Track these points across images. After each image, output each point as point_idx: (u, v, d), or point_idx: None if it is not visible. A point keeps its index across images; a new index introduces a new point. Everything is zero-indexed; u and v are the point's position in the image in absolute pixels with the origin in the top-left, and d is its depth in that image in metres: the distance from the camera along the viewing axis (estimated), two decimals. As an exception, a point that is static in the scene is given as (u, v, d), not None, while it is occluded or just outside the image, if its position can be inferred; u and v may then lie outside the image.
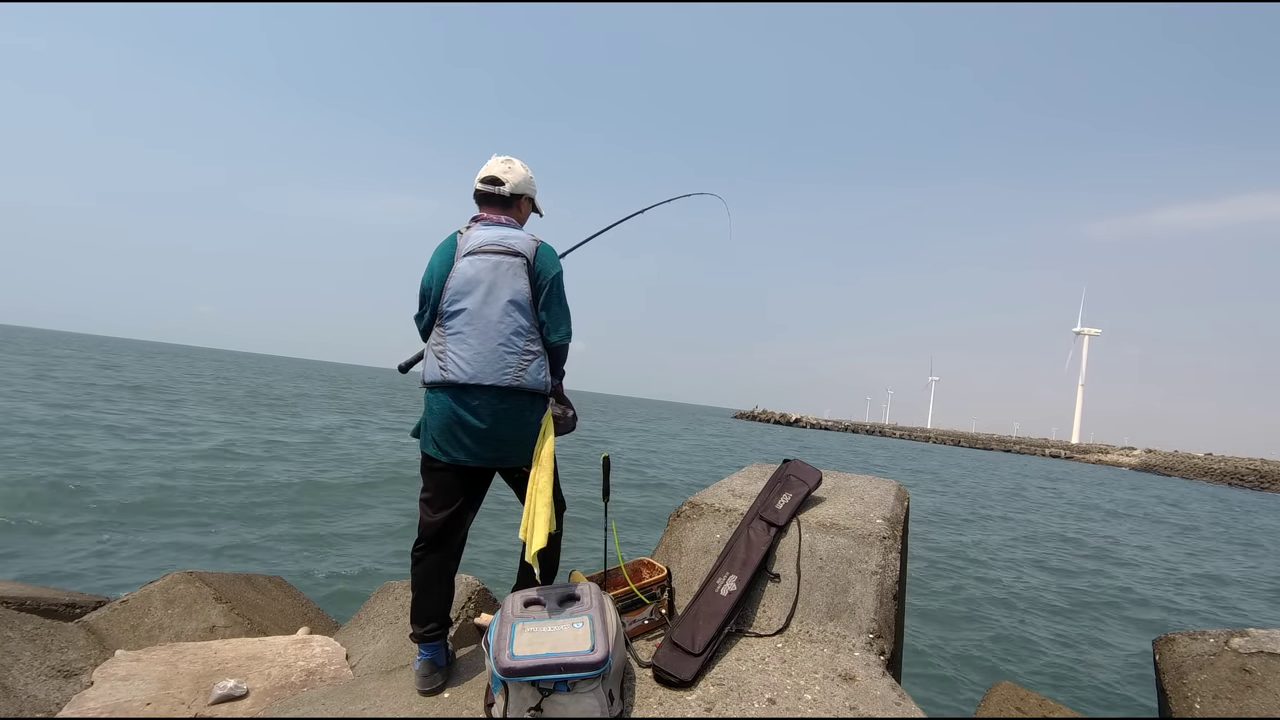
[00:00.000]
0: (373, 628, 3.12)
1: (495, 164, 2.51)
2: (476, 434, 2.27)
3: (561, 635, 1.96)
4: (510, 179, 2.50)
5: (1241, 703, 2.15)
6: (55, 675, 2.55)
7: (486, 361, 2.26)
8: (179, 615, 3.29)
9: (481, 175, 2.51)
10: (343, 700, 2.27)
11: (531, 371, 2.32)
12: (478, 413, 2.26)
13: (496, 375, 2.26)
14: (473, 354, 2.26)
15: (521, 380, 2.29)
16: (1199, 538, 18.81)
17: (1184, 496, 36.95)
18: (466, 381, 2.25)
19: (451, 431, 2.28)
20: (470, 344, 2.27)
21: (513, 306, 2.30)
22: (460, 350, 2.27)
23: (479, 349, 2.27)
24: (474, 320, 2.29)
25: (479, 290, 2.30)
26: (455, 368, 2.27)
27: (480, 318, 2.28)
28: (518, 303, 2.31)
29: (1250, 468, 68.19)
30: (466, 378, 2.25)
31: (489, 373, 2.26)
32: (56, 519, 7.96)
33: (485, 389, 2.26)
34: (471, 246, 2.35)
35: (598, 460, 2.68)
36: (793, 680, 2.17)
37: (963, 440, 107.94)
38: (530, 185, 2.57)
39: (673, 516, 3.02)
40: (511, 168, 2.52)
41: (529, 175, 2.57)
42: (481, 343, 2.27)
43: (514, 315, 2.30)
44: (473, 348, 2.27)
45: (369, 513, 10.40)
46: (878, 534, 2.64)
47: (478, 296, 2.30)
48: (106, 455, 12.09)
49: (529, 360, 2.32)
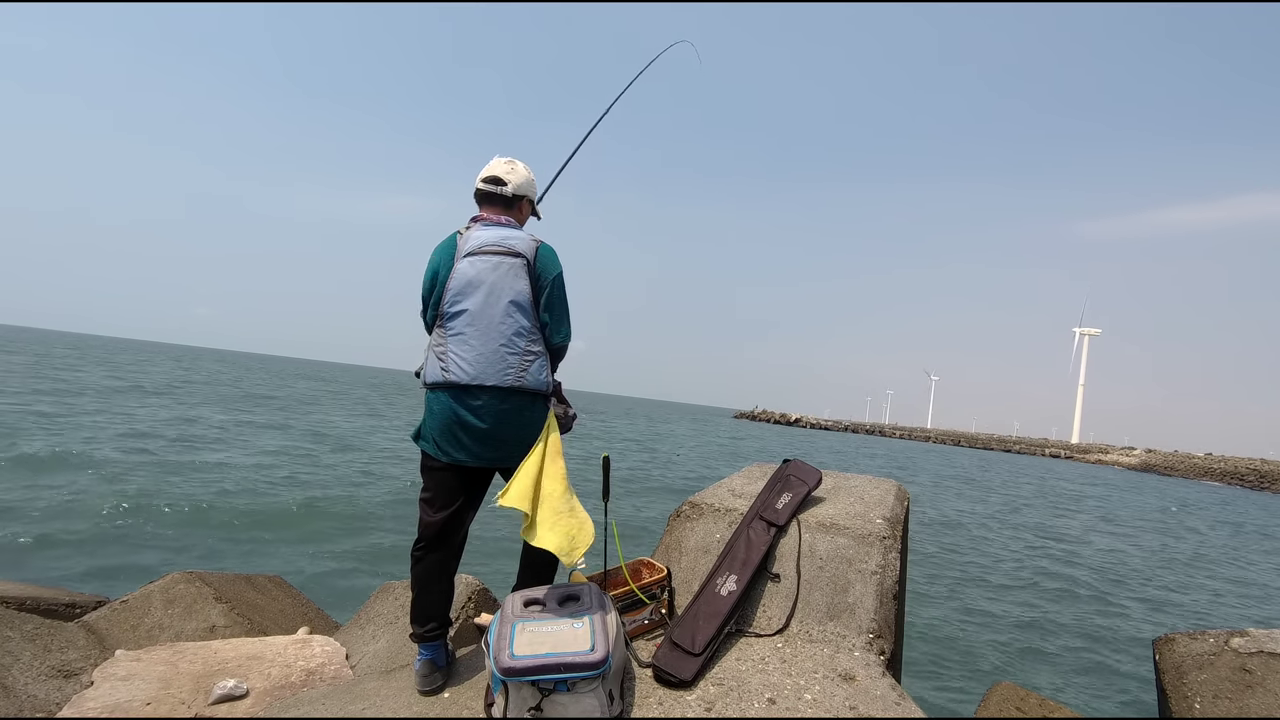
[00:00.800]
0: (373, 628, 3.12)
1: (498, 164, 2.51)
2: (477, 434, 2.27)
3: (561, 635, 1.96)
4: (513, 180, 2.49)
5: (1241, 703, 2.15)
6: (55, 675, 2.55)
7: (489, 362, 2.26)
8: (179, 615, 3.29)
9: (484, 175, 2.51)
10: (343, 700, 2.27)
11: (533, 372, 2.32)
12: (479, 413, 2.26)
13: (499, 376, 2.26)
14: (475, 355, 2.26)
15: (523, 381, 2.29)
16: (1199, 538, 18.81)
17: (1184, 497, 36.95)
18: (469, 382, 2.25)
19: (452, 432, 2.28)
20: (472, 345, 2.27)
21: (514, 307, 2.31)
22: (462, 351, 2.27)
23: (481, 350, 2.27)
24: (475, 321, 2.29)
25: (480, 291, 2.30)
26: (457, 368, 2.27)
27: (482, 319, 2.28)
28: (519, 304, 2.31)
29: (1250, 468, 68.19)
30: (469, 378, 2.25)
31: (491, 373, 2.26)
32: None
33: (487, 389, 2.26)
34: (472, 247, 2.35)
35: (598, 460, 2.68)
36: (793, 680, 2.17)
37: (963, 440, 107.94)
38: (532, 187, 2.57)
39: (672, 516, 3.01)
40: (514, 169, 2.51)
41: (531, 177, 2.57)
42: (484, 343, 2.27)
43: (515, 316, 2.31)
44: (475, 349, 2.27)
45: (368, 512, 10.40)
46: (878, 534, 2.63)
47: (479, 297, 2.30)
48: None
49: (530, 361, 2.32)
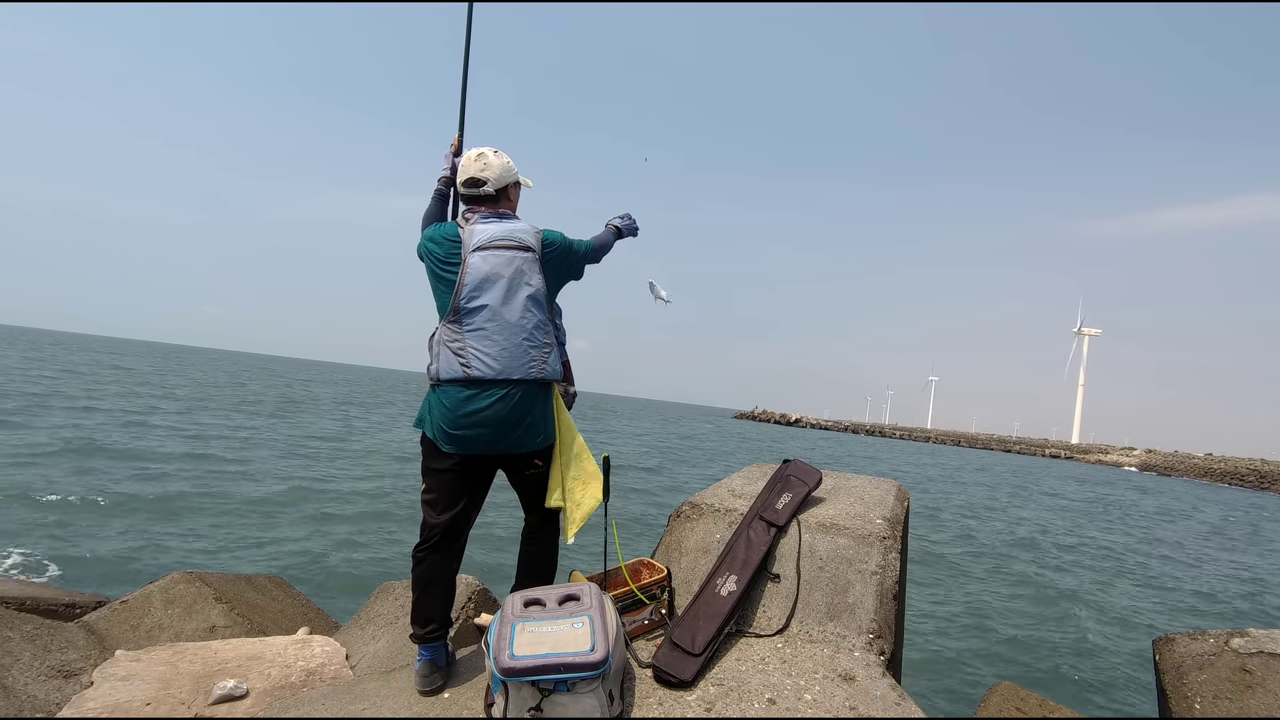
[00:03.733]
0: (373, 628, 3.12)
1: (470, 165, 2.46)
2: (494, 424, 2.29)
3: (561, 635, 1.95)
4: (490, 175, 2.46)
5: (1241, 703, 2.15)
6: (55, 675, 2.55)
7: (512, 357, 2.30)
8: (179, 615, 3.29)
9: (461, 179, 2.48)
10: (343, 700, 2.27)
11: (551, 362, 2.40)
12: (498, 404, 2.28)
13: (524, 369, 2.31)
14: (499, 350, 2.29)
15: (544, 372, 2.36)
16: (1198, 537, 18.79)
17: (1185, 496, 36.92)
18: (494, 377, 2.28)
19: (467, 425, 2.28)
20: (495, 340, 2.29)
21: (532, 302, 2.36)
22: (484, 347, 2.29)
23: (505, 345, 2.30)
24: (496, 317, 2.31)
25: (498, 286, 2.32)
26: (480, 364, 2.28)
27: (503, 314, 2.31)
28: (536, 298, 2.37)
29: (1250, 468, 68.19)
30: (494, 373, 2.28)
31: (516, 367, 2.30)
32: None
33: (512, 383, 2.30)
34: (480, 241, 2.34)
35: (597, 460, 2.67)
36: (793, 680, 2.17)
37: (963, 440, 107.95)
38: (509, 172, 2.51)
39: (672, 517, 3.01)
40: (487, 164, 2.46)
41: (505, 162, 2.51)
42: (507, 338, 2.30)
43: (533, 311, 2.36)
44: (498, 344, 2.29)
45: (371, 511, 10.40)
46: (878, 534, 2.63)
47: (498, 293, 2.31)
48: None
49: (548, 352, 2.39)
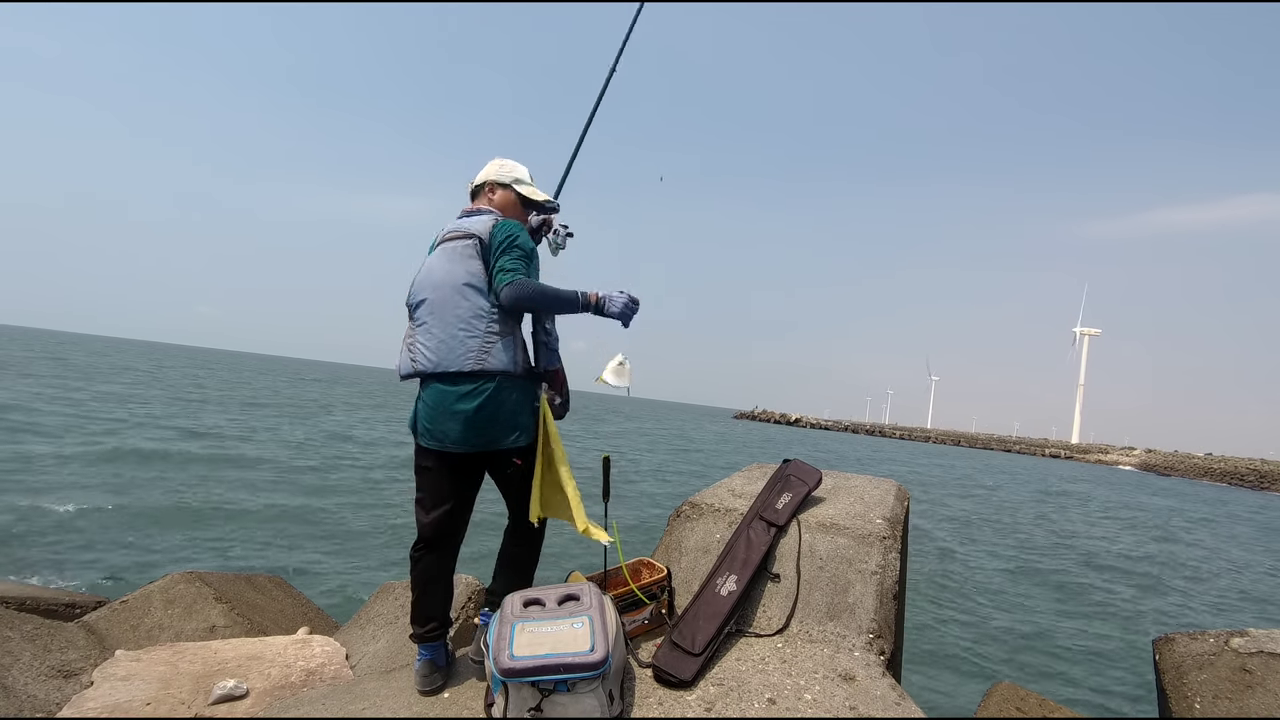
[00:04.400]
0: (373, 628, 3.12)
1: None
2: (459, 418, 2.24)
3: (561, 635, 1.95)
4: (478, 177, 2.59)
5: (1241, 703, 2.15)
6: (55, 675, 2.55)
7: (448, 348, 2.25)
8: (179, 615, 3.29)
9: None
10: (343, 700, 2.27)
11: (496, 353, 2.26)
12: (450, 399, 2.25)
13: (459, 361, 2.24)
14: (436, 342, 2.27)
15: (485, 363, 2.24)
16: (1198, 537, 18.79)
17: (1185, 496, 36.92)
18: (432, 370, 2.25)
19: (433, 419, 2.28)
20: (434, 333, 2.28)
21: (468, 289, 2.29)
22: (425, 340, 2.29)
23: (441, 336, 2.27)
24: (435, 309, 2.30)
25: (436, 277, 2.34)
26: (422, 357, 2.28)
27: (439, 305, 2.30)
28: (472, 285, 2.29)
29: (1250, 468, 68.19)
30: (432, 366, 2.25)
31: (452, 359, 2.24)
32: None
33: (451, 375, 2.25)
34: (438, 239, 2.44)
35: (597, 461, 2.68)
36: (793, 680, 2.17)
37: (963, 440, 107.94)
38: (500, 173, 2.57)
39: (672, 516, 3.01)
40: (484, 169, 2.60)
41: (500, 164, 2.58)
42: (442, 329, 2.27)
43: (471, 298, 2.28)
44: (435, 336, 2.27)
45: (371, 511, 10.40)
46: (878, 534, 2.63)
47: (435, 284, 2.33)
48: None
49: (492, 342, 2.26)
